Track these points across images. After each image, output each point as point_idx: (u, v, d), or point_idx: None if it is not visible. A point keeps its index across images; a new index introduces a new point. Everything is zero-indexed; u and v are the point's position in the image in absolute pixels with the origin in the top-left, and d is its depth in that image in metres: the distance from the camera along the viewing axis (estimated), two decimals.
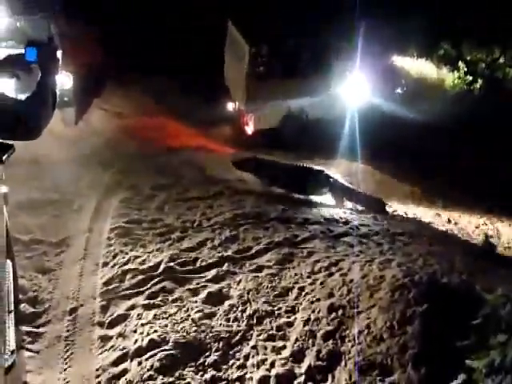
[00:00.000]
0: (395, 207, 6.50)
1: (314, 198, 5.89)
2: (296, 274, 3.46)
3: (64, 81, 8.48)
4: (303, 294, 3.22)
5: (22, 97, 1.93)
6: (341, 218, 4.83)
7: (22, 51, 2.07)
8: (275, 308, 3.06)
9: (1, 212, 2.84)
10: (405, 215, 6.20)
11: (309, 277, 3.43)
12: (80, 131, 8.71)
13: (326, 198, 6.01)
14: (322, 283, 3.32)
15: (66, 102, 8.66)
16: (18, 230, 4.17)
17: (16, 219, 4.49)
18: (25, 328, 2.77)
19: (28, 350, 2.60)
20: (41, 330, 2.81)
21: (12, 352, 2.31)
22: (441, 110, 9.49)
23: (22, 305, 3.01)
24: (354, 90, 9.36)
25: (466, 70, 10.85)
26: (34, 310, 3.00)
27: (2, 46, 7.12)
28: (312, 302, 3.10)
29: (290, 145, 8.94)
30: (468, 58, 11.07)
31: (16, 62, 2.07)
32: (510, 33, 10.40)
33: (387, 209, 6.10)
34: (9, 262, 2.88)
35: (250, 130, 9.38)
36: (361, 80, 9.41)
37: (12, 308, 2.67)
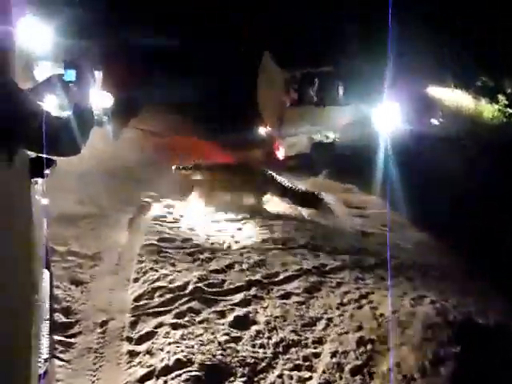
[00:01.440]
0: None
1: None
2: (324, 304, 3.42)
3: (104, 100, 8.94)
4: (331, 325, 3.17)
5: (63, 115, 2.04)
6: (371, 249, 4.75)
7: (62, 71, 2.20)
8: (302, 337, 3.02)
9: (41, 223, 2.98)
10: None
11: (337, 308, 3.38)
12: (117, 148, 9.07)
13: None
14: (351, 315, 3.26)
15: (105, 121, 9.13)
16: (55, 241, 4.34)
17: (54, 230, 4.69)
18: (57, 337, 2.85)
19: (59, 359, 2.66)
20: (72, 340, 2.87)
21: (45, 360, 2.38)
22: (479, 142, 9.18)
23: (56, 314, 3.10)
24: (386, 118, 9.30)
25: (506, 102, 10.64)
26: (66, 319, 3.08)
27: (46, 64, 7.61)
28: (340, 334, 3.04)
29: (318, 170, 8.97)
30: (508, 91, 10.89)
31: (55, 82, 2.18)
32: None
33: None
34: (46, 271, 3.01)
35: (280, 154, 9.48)
36: (393, 108, 9.36)
37: (47, 316, 2.77)
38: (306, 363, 2.78)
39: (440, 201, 5.91)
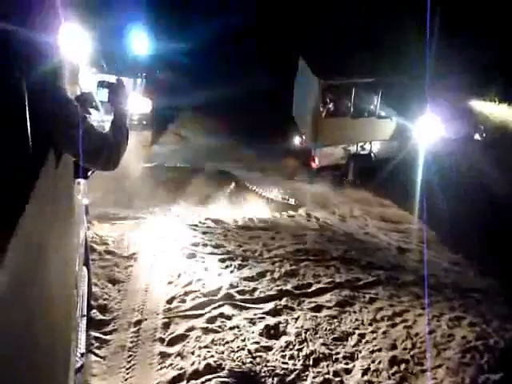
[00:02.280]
0: None
1: None
2: (357, 320, 3.35)
3: (144, 106, 9.22)
4: (363, 341, 3.09)
5: (103, 130, 2.11)
6: (407, 265, 4.62)
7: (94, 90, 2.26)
8: (333, 352, 2.97)
9: (82, 222, 3.11)
10: None
11: (370, 324, 3.30)
12: (155, 152, 9.34)
13: None
14: (384, 333, 3.18)
15: (144, 126, 9.40)
16: (94, 240, 4.51)
17: (93, 230, 4.87)
18: (94, 333, 2.94)
19: (95, 354, 2.74)
20: (107, 337, 2.96)
21: (82, 354, 2.46)
22: None
23: (93, 311, 3.21)
24: (426, 132, 9.04)
25: None
26: (103, 317, 3.18)
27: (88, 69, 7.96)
28: (372, 352, 2.97)
29: (353, 182, 8.85)
30: None
31: (87, 100, 2.24)
32: None
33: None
34: (85, 268, 3.12)
35: (315, 164, 9.42)
36: (434, 122, 9.10)
37: (85, 313, 2.87)
38: (337, 378, 2.73)
39: (479, 225, 5.61)
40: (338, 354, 2.94)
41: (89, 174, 3.08)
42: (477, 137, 10.17)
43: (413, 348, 2.98)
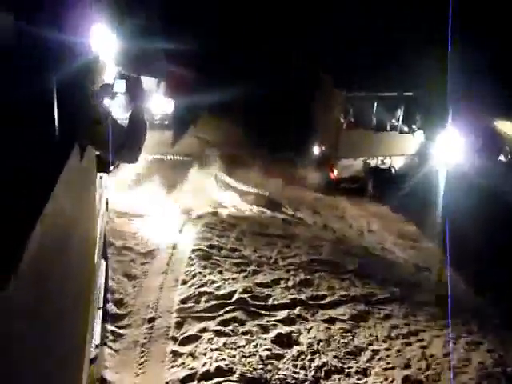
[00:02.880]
0: None
1: None
2: (371, 335, 3.30)
3: (166, 106, 9.34)
4: (377, 357, 3.04)
5: (123, 123, 2.14)
6: (424, 284, 4.53)
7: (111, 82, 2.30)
8: (345, 366, 2.93)
9: (103, 216, 3.15)
10: None
11: (384, 341, 3.25)
12: (175, 152, 9.42)
13: None
14: (398, 351, 3.12)
15: (165, 126, 9.52)
16: (113, 235, 4.56)
17: (112, 225, 4.93)
18: (108, 326, 2.97)
19: (109, 347, 2.76)
20: (122, 331, 2.98)
21: (97, 346, 2.49)
22: None
23: (109, 304, 3.24)
24: (448, 149, 8.87)
25: None
26: (118, 311, 3.21)
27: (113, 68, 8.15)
28: (386, 369, 2.92)
29: (371, 196, 8.76)
30: None
31: (103, 91, 2.28)
32: None
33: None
34: (103, 262, 3.16)
35: (334, 176, 9.37)
36: (457, 141, 8.93)
37: (101, 305, 2.90)
38: None
39: (500, 249, 5.28)
40: (350, 368, 2.90)
41: (111, 168, 3.13)
42: (501, 158, 9.96)
43: (427, 369, 2.92)
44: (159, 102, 9.21)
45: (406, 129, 9.46)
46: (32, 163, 1.05)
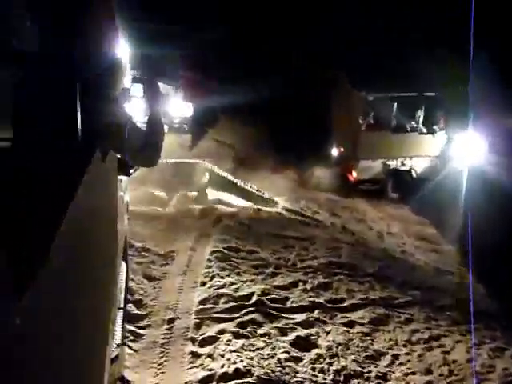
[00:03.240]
0: None
1: None
2: (391, 339, 3.25)
3: (185, 110, 9.44)
4: (397, 362, 3.00)
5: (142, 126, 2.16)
6: (446, 288, 4.43)
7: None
8: (365, 370, 2.89)
9: (124, 218, 3.20)
10: None
11: (405, 345, 3.20)
12: (193, 155, 9.50)
13: None
14: (419, 356, 3.07)
15: (184, 129, 9.62)
16: (133, 237, 4.64)
17: (132, 227, 5.01)
18: (128, 326, 3.02)
19: (129, 347, 2.81)
20: (141, 331, 3.03)
21: (117, 345, 2.53)
22: None
23: (129, 305, 3.29)
24: (469, 151, 8.66)
25: None
26: (138, 311, 3.26)
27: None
28: (406, 374, 2.87)
29: (391, 198, 8.64)
30: None
31: (122, 95, 2.30)
32: None
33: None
34: (124, 263, 3.21)
35: (352, 177, 9.28)
36: (479, 142, 8.71)
37: (122, 305, 2.95)
38: None
39: None
40: (369, 372, 2.86)
41: (131, 171, 3.18)
42: None
43: (450, 375, 2.86)
44: (178, 106, 9.32)
45: (425, 130, 9.30)
46: (56, 165, 1.08)
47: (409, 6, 10.48)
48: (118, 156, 3.03)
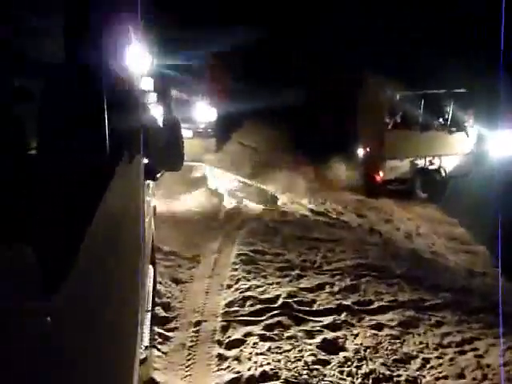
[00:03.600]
0: None
1: None
2: (421, 343, 3.17)
3: (209, 115, 9.58)
4: (428, 366, 2.92)
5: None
6: (478, 290, 4.28)
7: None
8: (394, 374, 2.83)
9: (150, 222, 3.27)
10: None
11: (436, 349, 3.11)
12: (218, 159, 9.61)
13: None
14: (451, 360, 2.98)
15: (209, 133, 9.75)
16: (160, 241, 4.73)
17: (159, 231, 5.11)
18: (157, 329, 3.08)
19: (158, 349, 2.87)
20: (169, 334, 3.08)
21: (146, 347, 2.59)
22: None
23: (157, 308, 3.36)
24: (502, 148, 8.33)
25: None
26: (165, 314, 3.32)
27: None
28: (438, 379, 2.79)
29: (419, 197, 8.45)
30: None
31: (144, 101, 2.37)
32: None
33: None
34: (151, 267, 3.28)
35: (379, 177, 9.13)
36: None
37: (150, 308, 3.01)
38: None
39: None
40: (399, 376, 2.80)
41: (158, 175, 3.25)
42: None
43: (484, 379, 2.76)
44: (202, 111, 9.47)
45: (454, 128, 9.03)
46: (84, 170, 1.13)
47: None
48: (145, 161, 3.11)
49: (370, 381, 2.75)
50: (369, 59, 9.97)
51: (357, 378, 2.77)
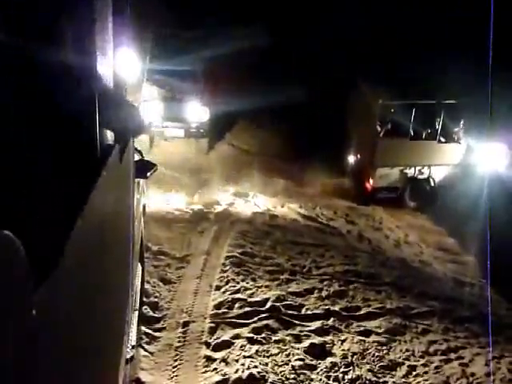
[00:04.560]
0: None
1: None
2: (407, 350, 3.20)
3: (201, 114, 9.50)
4: (414, 373, 2.95)
5: None
6: (465, 299, 4.33)
7: None
8: (380, 380, 2.85)
9: (140, 221, 3.25)
10: None
11: (422, 357, 3.14)
12: (209, 160, 9.56)
13: None
14: (436, 368, 3.00)
15: (201, 133, 9.68)
16: (149, 240, 4.69)
17: (149, 230, 5.07)
18: (144, 329, 3.05)
19: (144, 349, 2.83)
20: (157, 334, 3.05)
21: (133, 346, 2.55)
22: None
23: (144, 307, 3.32)
24: (492, 160, 8.43)
25: None
26: (153, 314, 3.28)
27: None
28: None
29: (408, 207, 8.53)
30: None
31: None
32: None
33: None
34: (140, 265, 3.25)
35: (370, 185, 9.18)
36: (501, 150, 8.48)
37: (137, 307, 2.98)
38: None
39: None
40: (385, 383, 2.82)
41: (148, 174, 3.23)
42: None
43: None
44: (195, 111, 9.39)
45: (444, 138, 9.15)
46: (72, 166, 1.13)
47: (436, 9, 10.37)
48: (136, 159, 3.10)
49: None
50: (362, 66, 10.07)
51: None
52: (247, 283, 4.01)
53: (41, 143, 1.16)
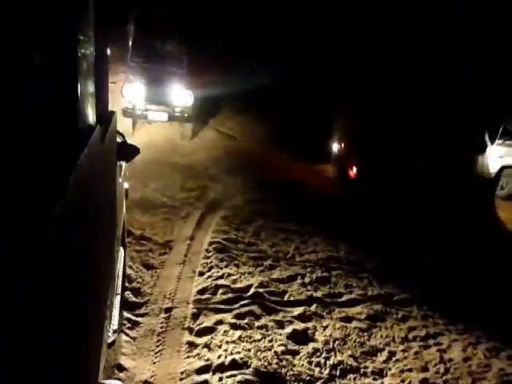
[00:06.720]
0: None
1: None
2: (388, 336, 3.25)
3: (186, 98, 9.31)
4: (394, 359, 3.00)
5: None
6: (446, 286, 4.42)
7: None
8: (361, 365, 2.89)
9: (122, 204, 3.17)
10: None
11: (402, 343, 3.19)
12: (194, 145, 9.43)
13: None
14: (416, 353, 3.07)
15: (185, 118, 9.49)
16: (131, 224, 4.61)
17: (131, 214, 4.98)
18: (126, 314, 3.00)
19: (126, 334, 2.79)
20: (139, 319, 3.01)
21: (114, 331, 2.52)
22: None
23: (127, 292, 3.28)
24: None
25: None
26: (135, 299, 3.24)
27: None
28: (403, 371, 2.87)
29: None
30: None
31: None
32: None
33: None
34: (122, 250, 3.18)
35: (353, 173, 9.24)
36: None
37: (119, 292, 2.93)
38: None
39: None
40: (366, 368, 2.86)
41: (131, 158, 3.15)
42: None
43: (446, 373, 2.86)
44: (179, 94, 9.17)
45: (440, 134, 9.19)
46: (51, 148, 1.09)
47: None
48: (119, 141, 3.01)
49: (338, 372, 2.79)
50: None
51: (325, 369, 2.80)
52: (231, 269, 3.99)
53: (22, 121, 1.12)
